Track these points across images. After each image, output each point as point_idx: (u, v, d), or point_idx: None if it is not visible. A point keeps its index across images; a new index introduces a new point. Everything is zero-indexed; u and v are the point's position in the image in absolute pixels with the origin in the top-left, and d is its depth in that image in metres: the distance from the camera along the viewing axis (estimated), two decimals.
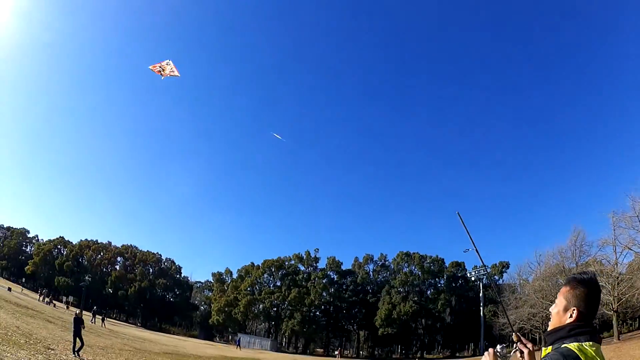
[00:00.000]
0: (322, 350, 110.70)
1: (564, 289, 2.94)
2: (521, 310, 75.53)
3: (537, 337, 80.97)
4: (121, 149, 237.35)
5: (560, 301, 2.93)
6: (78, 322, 19.45)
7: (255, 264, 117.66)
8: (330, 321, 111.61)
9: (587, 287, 2.83)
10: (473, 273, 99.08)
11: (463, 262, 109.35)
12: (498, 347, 3.36)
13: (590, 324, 2.80)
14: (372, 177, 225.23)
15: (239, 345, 72.96)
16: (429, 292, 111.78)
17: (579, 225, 78.69)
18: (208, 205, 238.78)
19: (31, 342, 18.94)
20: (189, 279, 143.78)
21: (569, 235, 74.94)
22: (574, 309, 2.80)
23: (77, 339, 18.78)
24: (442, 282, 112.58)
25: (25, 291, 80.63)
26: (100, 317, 56.79)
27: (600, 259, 66.61)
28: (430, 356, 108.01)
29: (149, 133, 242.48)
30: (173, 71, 16.46)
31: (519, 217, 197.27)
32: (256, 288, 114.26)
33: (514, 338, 3.24)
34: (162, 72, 16.33)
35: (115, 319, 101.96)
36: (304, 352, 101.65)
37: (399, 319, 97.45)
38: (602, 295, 34.82)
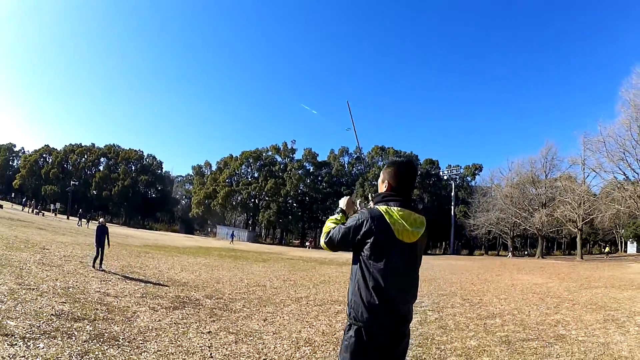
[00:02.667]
0: (298, 241, 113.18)
1: (384, 168, 3.57)
2: (491, 213, 77.65)
3: (508, 242, 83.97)
4: (98, 45, 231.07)
5: (380, 176, 3.58)
6: (103, 232, 17.57)
7: (234, 156, 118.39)
8: (305, 212, 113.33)
9: (396, 167, 3.46)
10: (446, 172, 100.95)
11: (437, 161, 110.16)
12: (357, 200, 4.13)
13: (403, 196, 3.39)
14: (351, 70, 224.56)
15: (232, 239, 70.97)
16: None
17: (552, 140, 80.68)
18: (188, 97, 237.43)
19: (29, 246, 20.65)
20: (170, 173, 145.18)
21: (541, 148, 76.70)
22: (387, 182, 3.46)
23: (100, 250, 17.06)
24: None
25: (15, 206, 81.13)
26: (86, 220, 59.55)
27: (572, 175, 68.41)
28: None
29: (126, 31, 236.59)
30: None
31: (500, 124, 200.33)
32: (234, 179, 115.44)
33: (369, 197, 3.94)
34: None
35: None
36: (280, 243, 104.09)
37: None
38: (567, 212, 36.70)
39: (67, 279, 12.99)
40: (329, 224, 3.63)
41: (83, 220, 58.79)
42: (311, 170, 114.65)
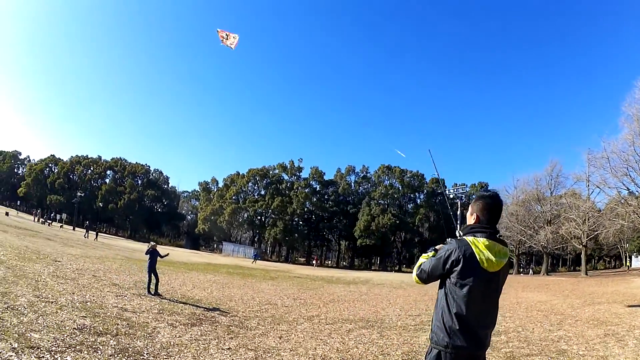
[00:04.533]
0: (304, 259, 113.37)
1: (473, 201, 3.78)
2: None
3: (513, 260, 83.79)
4: (109, 60, 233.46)
5: (469, 209, 3.81)
6: (155, 255, 17.05)
7: (241, 173, 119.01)
8: (311, 230, 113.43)
9: (484, 200, 3.67)
10: (452, 191, 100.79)
11: (443, 179, 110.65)
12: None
13: (490, 228, 3.59)
14: (357, 93, 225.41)
15: (255, 259, 69.27)
16: (408, 206, 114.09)
17: (556, 158, 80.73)
18: (197, 114, 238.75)
19: (41, 257, 20.75)
20: (176, 189, 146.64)
21: (546, 165, 76.72)
22: (475, 215, 3.69)
23: (152, 275, 16.55)
24: (421, 197, 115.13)
25: (21, 214, 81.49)
26: (94, 232, 59.66)
27: (577, 192, 68.34)
28: (409, 270, 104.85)
29: (137, 44, 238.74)
30: (232, 44, 16.74)
31: (506, 142, 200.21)
32: (241, 197, 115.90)
33: (458, 233, 4.14)
34: (224, 39, 16.61)
35: (105, 232, 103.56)
36: (286, 261, 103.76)
37: (377, 231, 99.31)
38: (572, 229, 36.36)
39: (84, 293, 13.21)
40: (421, 259, 3.86)
41: (91, 232, 58.70)
42: (318, 188, 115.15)
